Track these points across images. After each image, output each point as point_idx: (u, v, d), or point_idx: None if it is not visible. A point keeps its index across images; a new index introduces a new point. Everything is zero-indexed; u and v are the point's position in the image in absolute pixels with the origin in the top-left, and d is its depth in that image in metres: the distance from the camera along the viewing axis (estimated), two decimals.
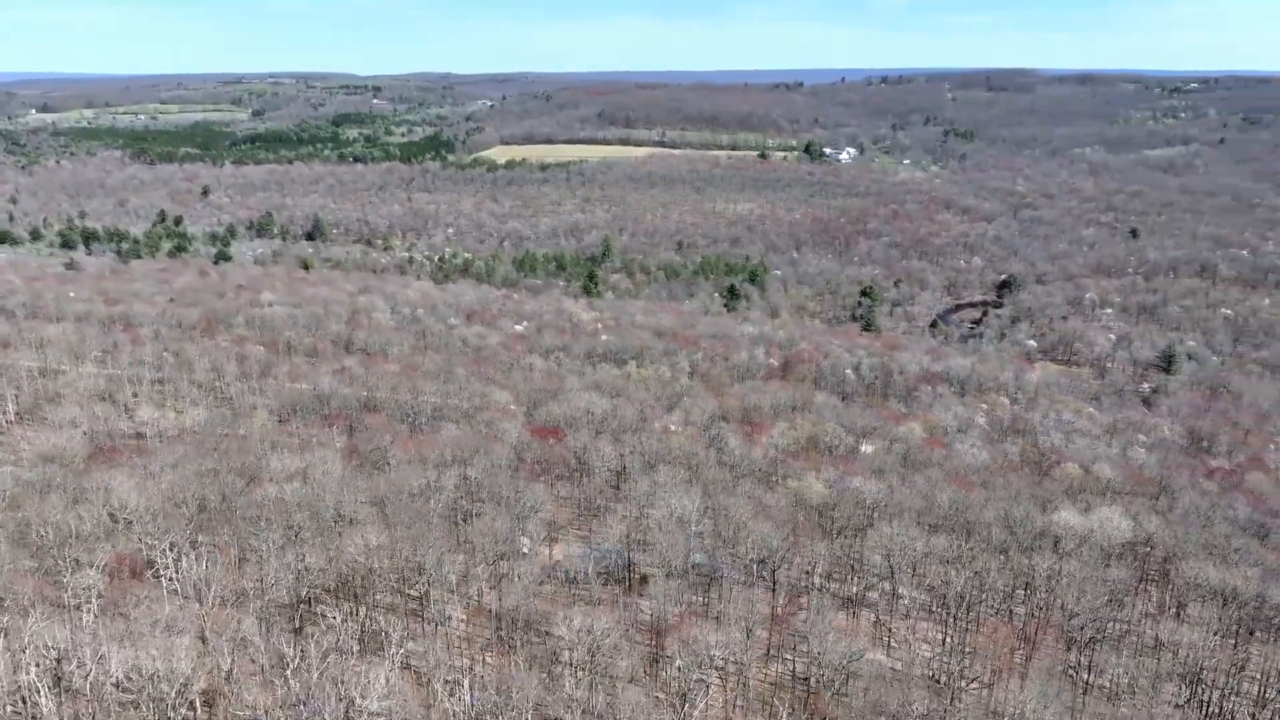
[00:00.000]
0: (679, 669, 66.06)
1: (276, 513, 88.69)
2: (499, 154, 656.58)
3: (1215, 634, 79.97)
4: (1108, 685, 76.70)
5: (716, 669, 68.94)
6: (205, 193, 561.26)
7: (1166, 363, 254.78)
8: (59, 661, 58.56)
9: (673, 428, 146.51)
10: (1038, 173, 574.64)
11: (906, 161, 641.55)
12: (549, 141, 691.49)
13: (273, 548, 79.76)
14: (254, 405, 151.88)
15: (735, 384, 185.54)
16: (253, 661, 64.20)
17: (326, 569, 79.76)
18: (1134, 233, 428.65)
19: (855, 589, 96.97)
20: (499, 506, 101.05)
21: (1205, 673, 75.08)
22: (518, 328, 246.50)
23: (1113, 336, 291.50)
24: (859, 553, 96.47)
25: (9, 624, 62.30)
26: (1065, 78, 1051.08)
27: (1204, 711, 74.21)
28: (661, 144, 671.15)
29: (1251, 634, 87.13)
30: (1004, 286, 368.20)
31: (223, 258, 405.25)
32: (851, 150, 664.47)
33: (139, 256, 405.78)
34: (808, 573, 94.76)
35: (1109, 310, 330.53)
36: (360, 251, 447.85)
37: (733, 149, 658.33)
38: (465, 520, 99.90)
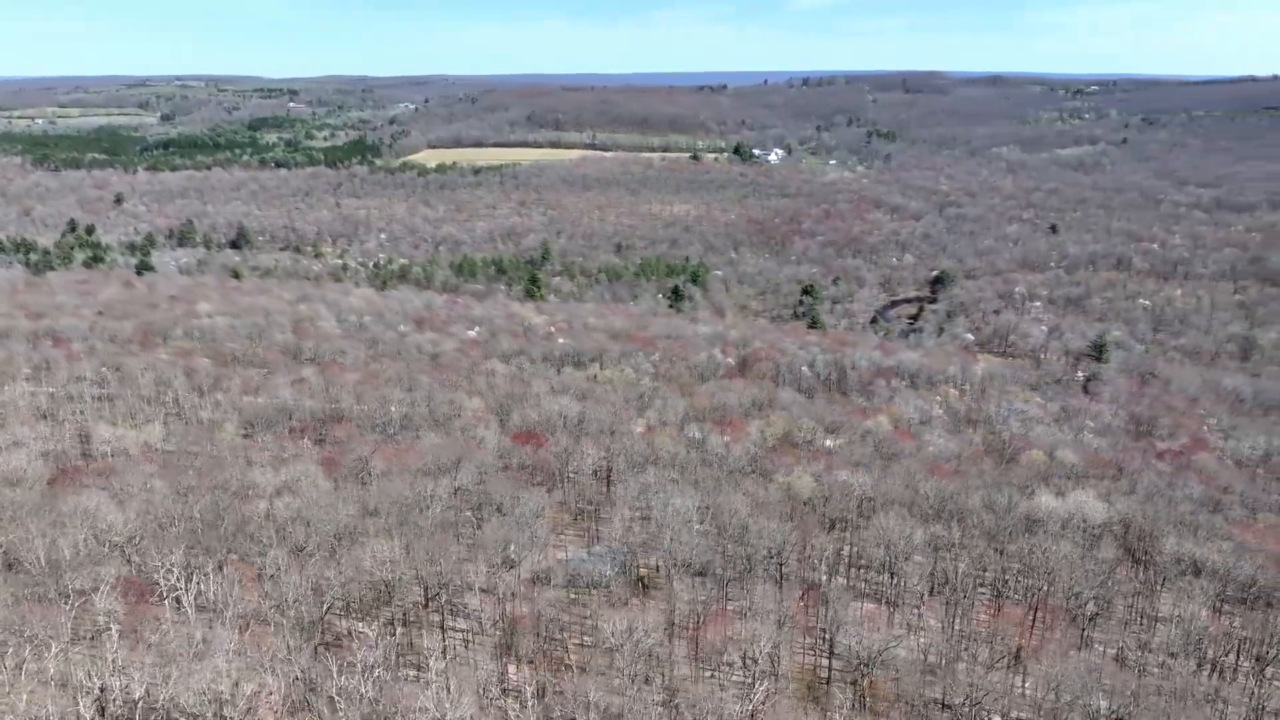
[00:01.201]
0: (726, 664, 66.31)
1: (274, 529, 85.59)
2: (427, 157, 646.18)
3: (1204, 606, 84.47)
4: (1124, 660, 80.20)
5: (755, 662, 69.43)
6: (118, 200, 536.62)
7: (1097, 352, 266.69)
8: (103, 690, 55.38)
9: (652, 429, 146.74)
10: (959, 171, 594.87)
11: (833, 162, 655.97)
12: (478, 145, 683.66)
13: (283, 564, 76.99)
14: (215, 420, 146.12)
15: (700, 384, 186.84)
16: (295, 681, 61.83)
17: (348, 583, 77.36)
18: (1054, 228, 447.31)
19: (859, 580, 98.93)
20: (500, 513, 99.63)
21: (1204, 642, 79.30)
22: (471, 333, 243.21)
23: (1044, 328, 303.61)
24: (859, 544, 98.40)
25: (30, 655, 58.58)
26: (976, 80, 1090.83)
27: (1212, 676, 78.37)
28: (593, 146, 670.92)
29: (1242, 603, 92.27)
30: (937, 282, 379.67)
31: (144, 268, 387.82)
32: (780, 151, 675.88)
33: (51, 268, 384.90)
34: (813, 566, 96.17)
35: (1037, 303, 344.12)
36: (290, 259, 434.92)
37: (664, 151, 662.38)
38: (475, 528, 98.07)
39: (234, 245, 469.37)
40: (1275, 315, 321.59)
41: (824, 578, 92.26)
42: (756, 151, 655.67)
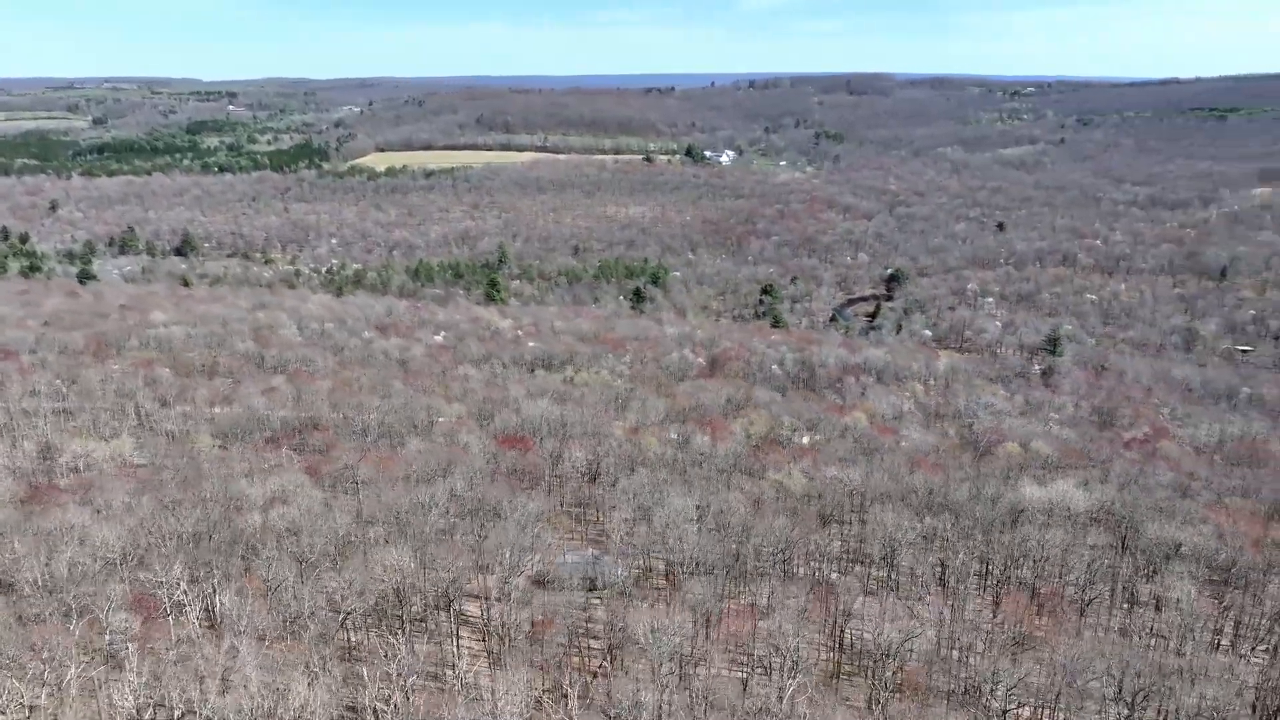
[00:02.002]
0: (754, 661, 66.69)
1: (275, 540, 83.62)
2: (376, 161, 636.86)
3: (1195, 587, 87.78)
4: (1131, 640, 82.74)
5: (784, 657, 69.99)
6: (53, 207, 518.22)
7: (1052, 345, 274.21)
8: (139, 711, 53.36)
9: (635, 430, 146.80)
10: (906, 172, 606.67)
11: (783, 163, 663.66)
12: (428, 147, 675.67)
13: (292, 576, 75.23)
14: (187, 431, 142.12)
15: (675, 384, 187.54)
16: (330, 693, 60.37)
17: (362, 593, 75.87)
18: (1000, 226, 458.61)
19: (861, 574, 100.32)
20: (499, 517, 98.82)
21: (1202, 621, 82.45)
22: (437, 338, 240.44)
23: (999, 323, 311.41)
24: (858, 539, 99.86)
25: (49, 675, 56.16)
26: (918, 81, 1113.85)
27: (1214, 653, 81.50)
28: (544, 148, 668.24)
29: (1224, 584, 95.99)
30: (892, 280, 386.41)
31: (87, 277, 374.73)
32: (730, 153, 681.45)
33: None
34: (816, 562, 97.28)
35: (990, 299, 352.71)
36: (240, 266, 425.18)
37: (616, 153, 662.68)
38: (479, 533, 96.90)
39: (179, 252, 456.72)
40: (1212, 308, 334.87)
41: (833, 572, 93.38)
42: (708, 153, 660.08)
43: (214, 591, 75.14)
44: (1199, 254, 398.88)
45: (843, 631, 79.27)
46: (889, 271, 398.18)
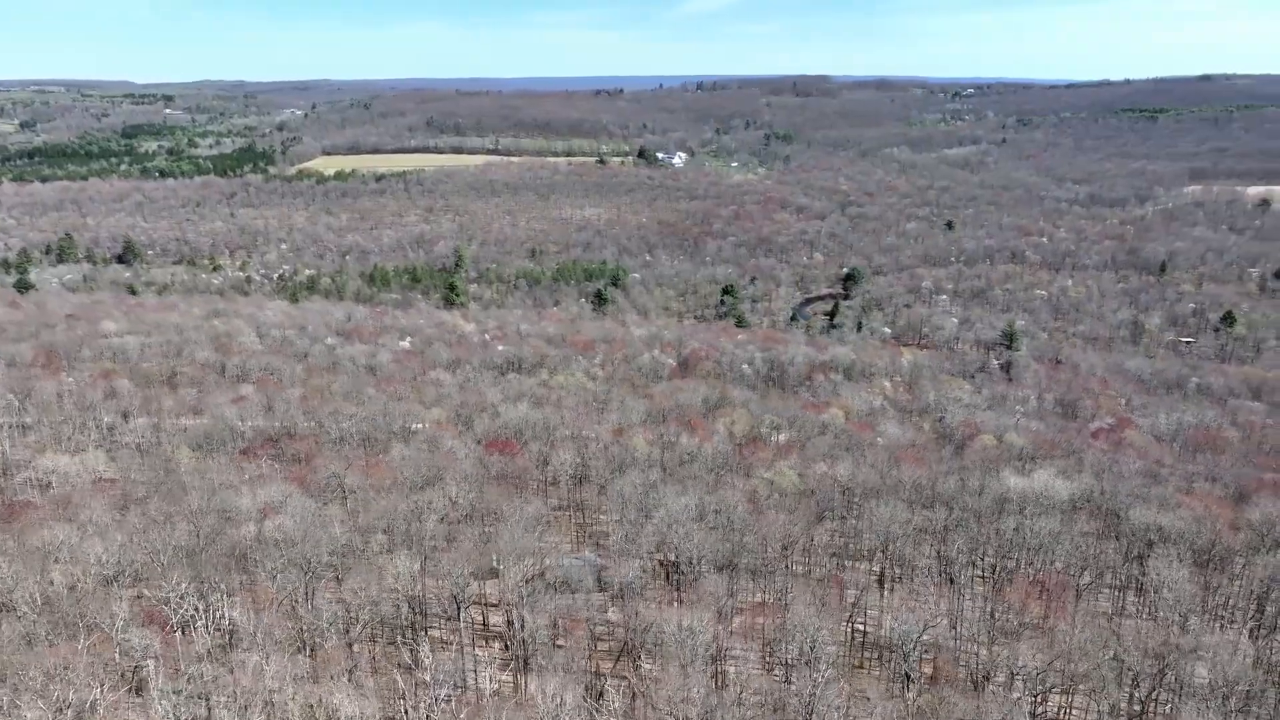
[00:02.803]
0: (784, 654, 67.21)
1: (280, 551, 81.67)
2: (324, 165, 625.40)
3: (1185, 570, 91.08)
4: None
5: (813, 651, 70.68)
6: None
7: (1008, 340, 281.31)
8: None
9: (620, 431, 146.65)
10: (856, 172, 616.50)
11: (735, 164, 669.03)
12: (376, 151, 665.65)
13: (303, 586, 73.50)
14: (158, 443, 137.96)
15: (651, 385, 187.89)
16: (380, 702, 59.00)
17: (378, 602, 74.45)
18: (950, 225, 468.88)
19: (862, 566, 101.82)
20: (499, 521, 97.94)
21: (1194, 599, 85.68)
22: (404, 344, 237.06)
23: (955, 320, 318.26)
24: (856, 532, 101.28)
25: (75, 699, 53.83)
26: (862, 83, 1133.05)
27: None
28: (496, 151, 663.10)
29: (1206, 565, 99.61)
30: (848, 279, 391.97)
31: (24, 286, 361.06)
32: (682, 154, 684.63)
33: None
34: (819, 555, 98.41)
35: (944, 296, 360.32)
36: (187, 273, 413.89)
37: (568, 155, 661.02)
38: (484, 539, 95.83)
39: (121, 260, 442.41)
40: (1155, 301, 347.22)
41: (837, 567, 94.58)
42: (660, 155, 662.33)
43: (225, 605, 72.99)
44: (1139, 250, 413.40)
45: (856, 624, 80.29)
46: (845, 271, 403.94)
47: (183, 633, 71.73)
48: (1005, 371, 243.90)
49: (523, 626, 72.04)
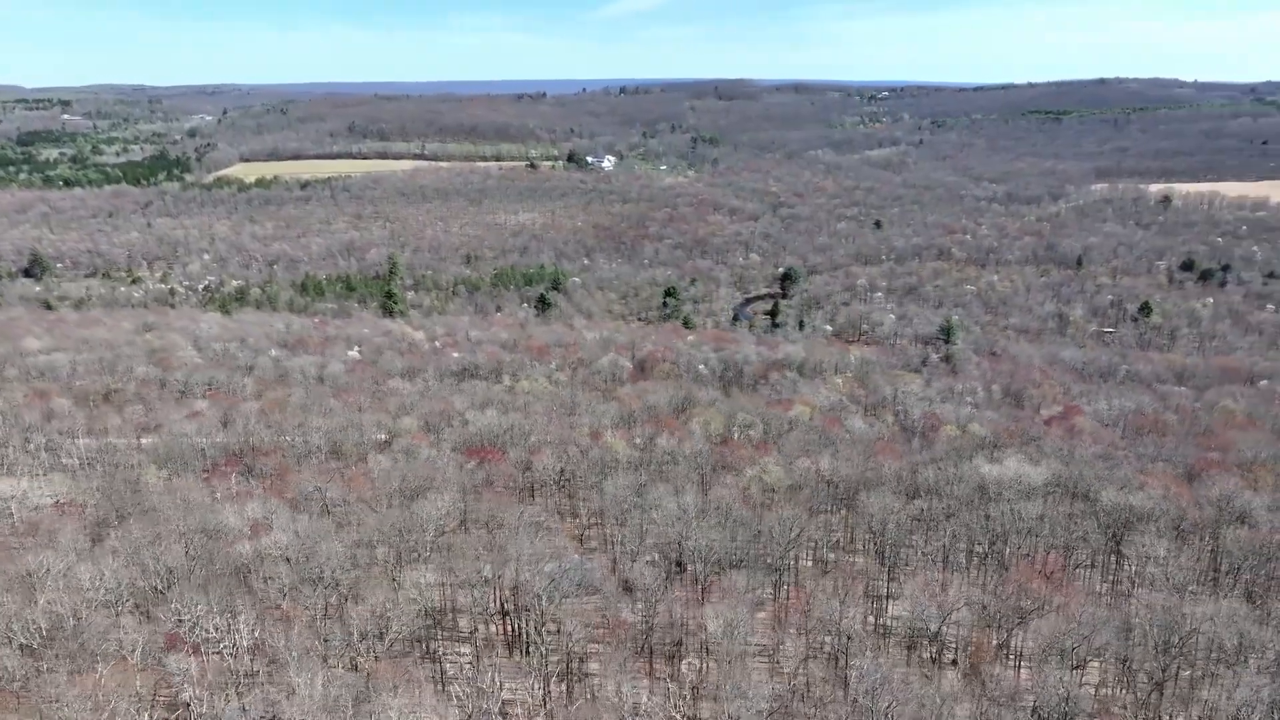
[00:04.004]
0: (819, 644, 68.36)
1: (283, 568, 79.12)
2: (243, 172, 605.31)
3: (1167, 545, 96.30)
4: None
5: (849, 639, 72.01)
6: None
7: (946, 335, 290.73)
8: None
9: (597, 434, 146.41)
10: (784, 173, 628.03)
11: (664, 167, 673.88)
12: (297, 157, 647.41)
13: (321, 601, 71.37)
14: (118, 463, 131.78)
15: (617, 387, 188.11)
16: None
17: (403, 613, 72.65)
18: (878, 224, 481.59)
19: (862, 556, 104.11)
20: (501, 528, 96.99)
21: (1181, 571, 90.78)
22: (353, 353, 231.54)
23: (893, 316, 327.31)
24: (851, 524, 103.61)
25: None
26: (781, 87, 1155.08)
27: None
28: (422, 156, 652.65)
29: (1178, 538, 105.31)
30: (785, 279, 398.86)
31: None
32: (611, 158, 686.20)
33: None
34: (820, 549, 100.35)
35: (879, 294, 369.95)
36: (105, 287, 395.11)
37: (497, 159, 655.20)
38: (489, 545, 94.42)
39: (28, 274, 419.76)
40: (1075, 294, 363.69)
41: (846, 557, 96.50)
42: (590, 158, 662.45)
43: (242, 624, 70.24)
44: (1056, 245, 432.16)
45: (877, 612, 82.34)
46: (781, 271, 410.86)
47: (196, 653, 68.70)
48: (948, 364, 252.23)
49: (557, 631, 71.50)
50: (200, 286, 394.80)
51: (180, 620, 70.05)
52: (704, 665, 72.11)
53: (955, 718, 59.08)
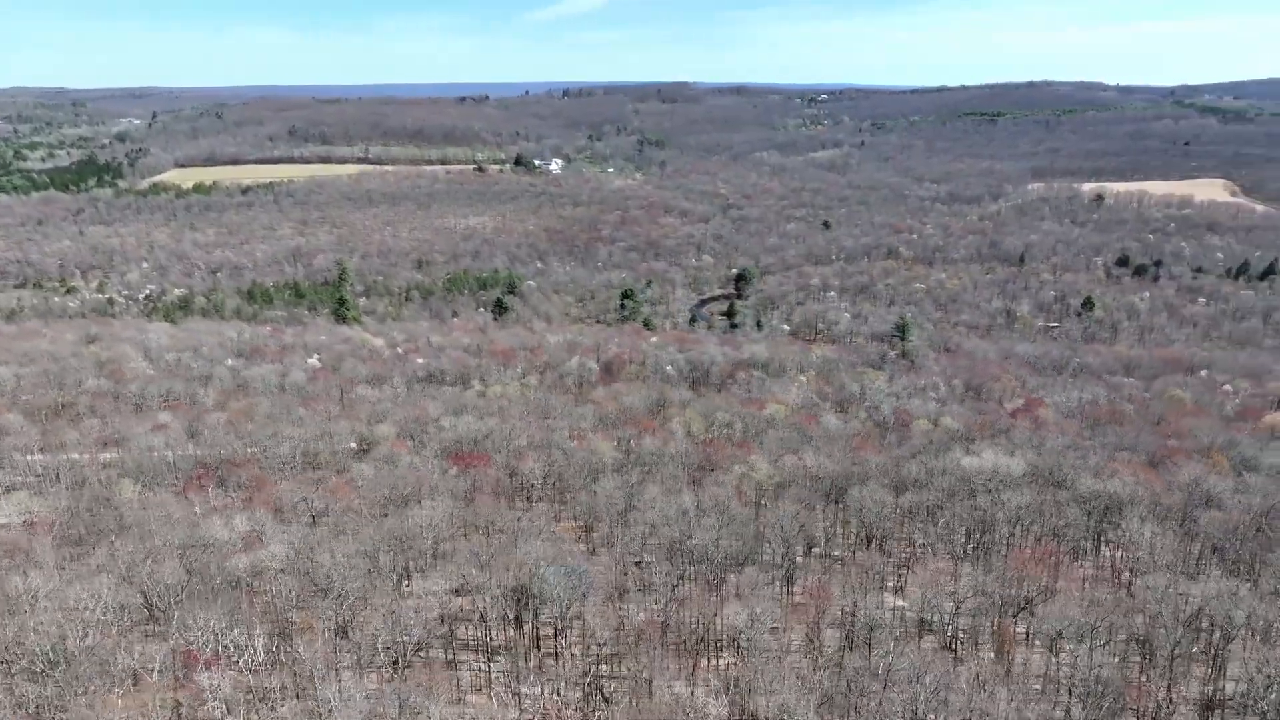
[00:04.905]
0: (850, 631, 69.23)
1: (296, 581, 77.15)
2: (179, 177, 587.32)
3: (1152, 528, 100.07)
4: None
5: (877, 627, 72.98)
6: None
7: (901, 332, 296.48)
8: None
9: (579, 436, 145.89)
10: (731, 175, 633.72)
11: (611, 169, 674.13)
12: (236, 162, 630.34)
13: (342, 610, 69.70)
14: (85, 479, 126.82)
15: (588, 390, 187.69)
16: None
17: (427, 620, 71.33)
18: (827, 225, 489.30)
19: (859, 551, 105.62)
20: (501, 534, 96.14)
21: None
22: (313, 361, 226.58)
23: (848, 314, 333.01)
24: (845, 519, 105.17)
25: None
26: (723, 90, 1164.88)
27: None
28: (367, 160, 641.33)
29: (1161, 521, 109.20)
30: (740, 279, 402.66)
31: None
32: (559, 161, 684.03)
33: None
34: (823, 541, 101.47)
35: (832, 293, 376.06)
36: (36, 297, 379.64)
37: (443, 163, 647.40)
38: (490, 551, 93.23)
39: None
40: (1020, 290, 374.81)
41: (852, 551, 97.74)
42: (538, 161, 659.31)
43: (259, 637, 68.10)
44: (999, 243, 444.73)
45: (879, 604, 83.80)
46: (735, 271, 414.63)
47: (218, 669, 66.40)
48: (906, 361, 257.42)
49: (581, 635, 70.86)
50: (141, 296, 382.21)
51: (193, 637, 67.59)
52: (737, 661, 72.48)
53: (997, 699, 60.70)
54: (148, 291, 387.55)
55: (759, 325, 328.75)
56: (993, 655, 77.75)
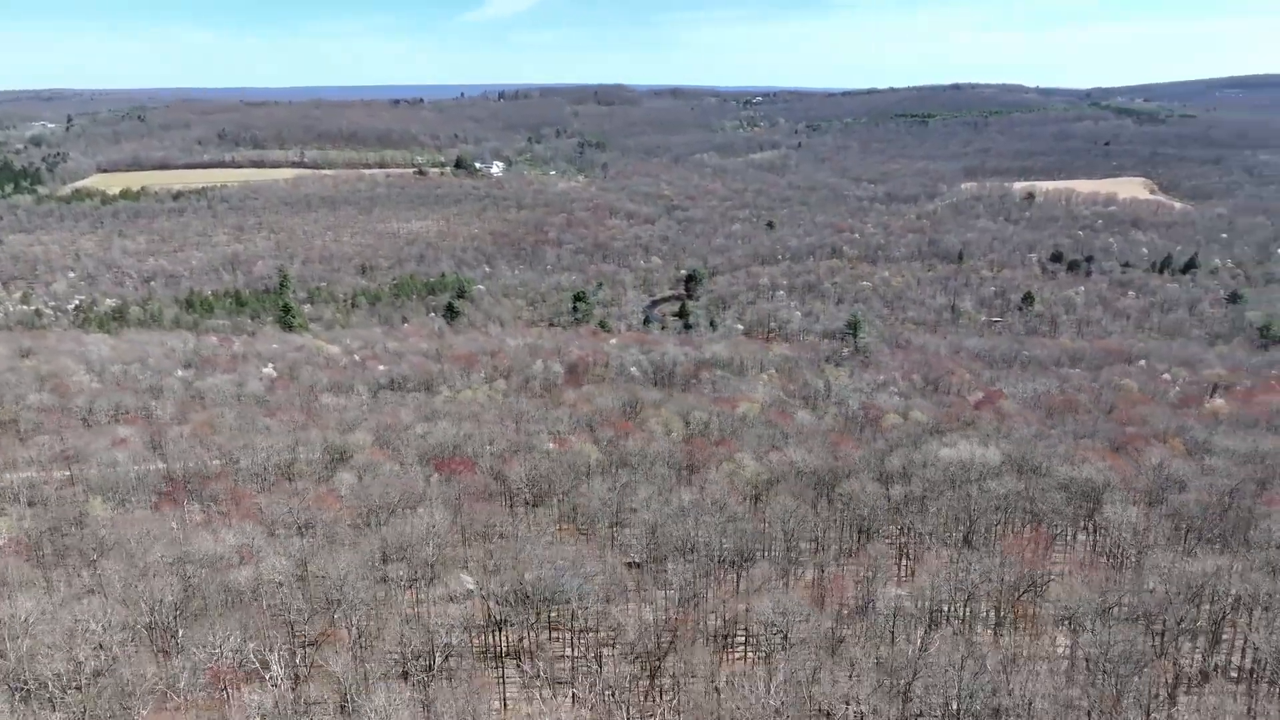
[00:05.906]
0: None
1: (306, 593, 75.17)
2: (103, 183, 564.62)
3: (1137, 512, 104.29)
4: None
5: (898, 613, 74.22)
6: None
7: (853, 329, 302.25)
8: None
9: (559, 439, 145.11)
10: (674, 177, 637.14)
11: (554, 172, 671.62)
12: (165, 167, 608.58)
13: (369, 620, 68.12)
14: (50, 496, 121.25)
15: (563, 392, 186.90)
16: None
17: (454, 627, 70.02)
18: (771, 225, 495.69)
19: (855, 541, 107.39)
20: (502, 538, 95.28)
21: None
22: (269, 370, 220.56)
23: (799, 313, 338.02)
24: (840, 512, 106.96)
25: None
26: (659, 92, 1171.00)
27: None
28: (302, 164, 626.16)
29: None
30: (689, 280, 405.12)
31: None
32: (500, 163, 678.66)
33: None
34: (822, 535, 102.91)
35: (781, 292, 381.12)
36: None
37: (381, 166, 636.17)
38: (493, 556, 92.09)
39: None
40: (962, 287, 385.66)
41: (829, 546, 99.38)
42: (479, 164, 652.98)
43: (279, 651, 66.00)
44: (938, 241, 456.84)
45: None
46: (684, 272, 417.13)
47: (245, 684, 64.18)
48: (861, 357, 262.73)
49: (611, 636, 70.63)
50: (70, 306, 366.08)
51: (212, 653, 65.22)
52: (771, 655, 73.14)
53: (1039, 675, 62.78)
54: (77, 302, 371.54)
55: (713, 325, 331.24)
56: (1010, 638, 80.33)
